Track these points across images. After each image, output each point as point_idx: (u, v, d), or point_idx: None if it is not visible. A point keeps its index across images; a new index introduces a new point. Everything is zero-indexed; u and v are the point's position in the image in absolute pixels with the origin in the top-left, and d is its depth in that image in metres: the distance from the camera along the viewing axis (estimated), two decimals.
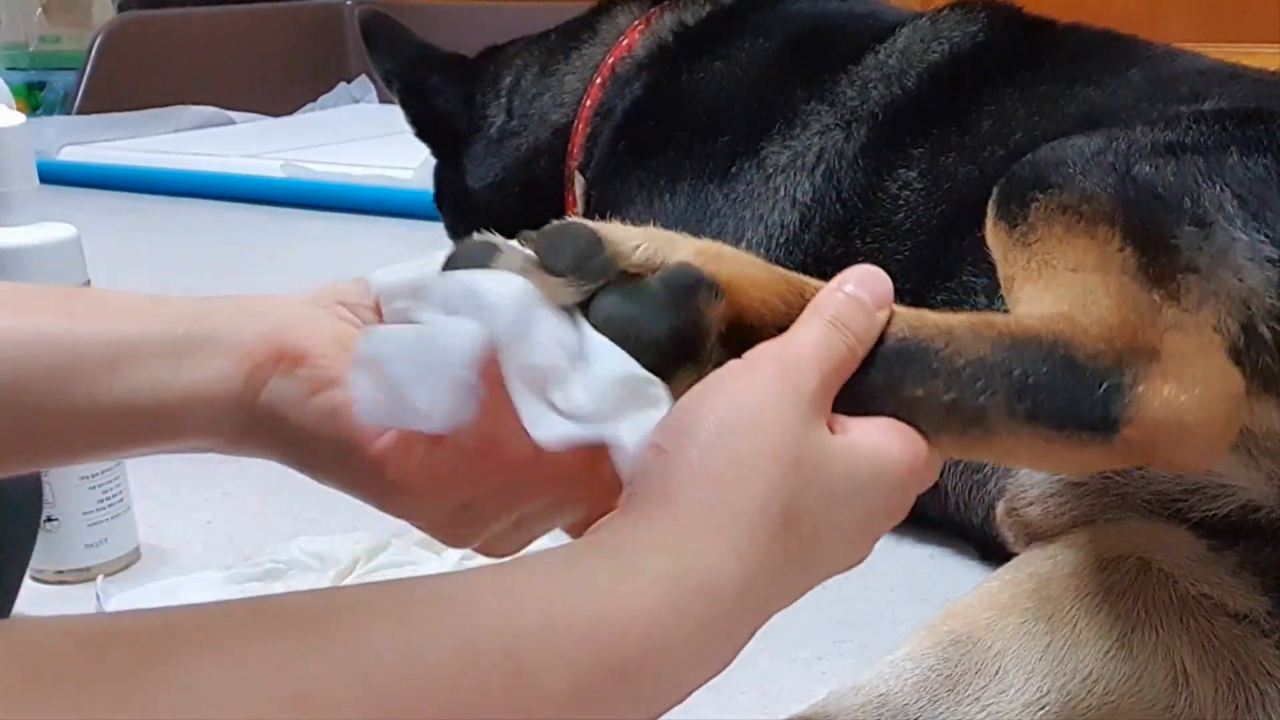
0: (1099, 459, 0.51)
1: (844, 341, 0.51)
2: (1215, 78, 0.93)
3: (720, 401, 0.47)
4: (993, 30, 1.08)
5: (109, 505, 0.93)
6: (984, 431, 0.50)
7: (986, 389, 0.50)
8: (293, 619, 0.36)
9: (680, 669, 0.43)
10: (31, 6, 3.18)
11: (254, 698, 0.32)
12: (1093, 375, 0.50)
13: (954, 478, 0.90)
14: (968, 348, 0.51)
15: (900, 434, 0.50)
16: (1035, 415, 0.50)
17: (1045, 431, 0.50)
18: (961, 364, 0.51)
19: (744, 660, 0.45)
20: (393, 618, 0.37)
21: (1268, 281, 0.55)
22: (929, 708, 0.62)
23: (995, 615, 0.64)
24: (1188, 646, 0.62)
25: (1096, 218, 0.58)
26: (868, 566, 0.54)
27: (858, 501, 0.49)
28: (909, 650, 0.64)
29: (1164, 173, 0.59)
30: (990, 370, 0.51)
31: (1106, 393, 0.50)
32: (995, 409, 0.50)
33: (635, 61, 1.25)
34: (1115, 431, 0.50)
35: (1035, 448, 0.51)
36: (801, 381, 0.48)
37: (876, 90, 1.05)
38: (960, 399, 0.50)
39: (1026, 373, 0.50)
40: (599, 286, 0.51)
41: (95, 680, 0.30)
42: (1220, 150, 0.60)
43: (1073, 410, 0.50)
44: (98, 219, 2.08)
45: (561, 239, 0.52)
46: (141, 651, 0.32)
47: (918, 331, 0.52)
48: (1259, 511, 0.63)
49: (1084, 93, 0.95)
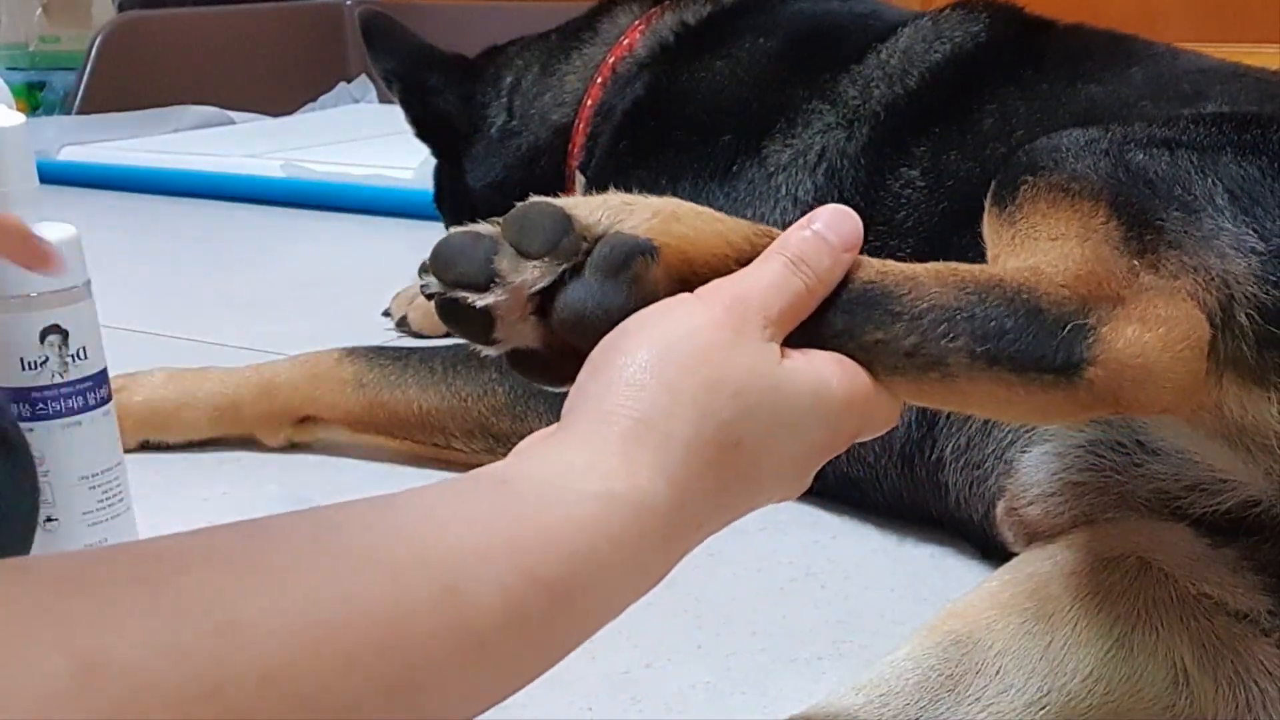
0: (1061, 405, 0.51)
1: (802, 281, 0.51)
2: (1217, 77, 0.93)
3: (662, 329, 0.48)
4: (994, 30, 1.08)
5: (109, 505, 0.93)
6: (943, 376, 0.50)
7: (948, 334, 0.50)
8: (219, 550, 0.36)
9: (611, 586, 0.44)
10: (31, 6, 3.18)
11: (176, 624, 0.32)
12: (1056, 319, 0.51)
13: (954, 476, 0.90)
14: (930, 293, 0.51)
15: (841, 367, 0.51)
16: (997, 359, 0.50)
17: (1006, 376, 0.50)
18: (924, 308, 0.51)
19: (744, 660, 0.45)
20: (319, 544, 0.37)
21: (1249, 269, 0.55)
22: (930, 708, 0.62)
23: (996, 615, 0.64)
24: (1188, 646, 0.62)
25: (1083, 194, 0.58)
26: (868, 566, 0.54)
27: (798, 432, 0.50)
28: (909, 650, 0.64)
29: (1157, 162, 0.59)
30: (952, 314, 0.51)
31: (1070, 333, 0.50)
32: (956, 353, 0.50)
33: (636, 61, 1.25)
34: (1079, 373, 0.50)
35: (995, 394, 0.51)
36: (748, 319, 0.49)
37: (878, 89, 1.05)
38: (921, 343, 0.50)
39: (990, 317, 0.50)
40: (570, 266, 0.52)
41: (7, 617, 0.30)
42: (1216, 149, 0.60)
43: (1036, 352, 0.50)
44: (98, 219, 2.08)
45: (531, 222, 0.52)
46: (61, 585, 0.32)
47: (883, 277, 0.52)
48: (1259, 506, 0.63)
49: (1085, 91, 0.95)
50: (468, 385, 1.07)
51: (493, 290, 0.52)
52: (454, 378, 1.07)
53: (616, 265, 0.52)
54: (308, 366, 1.12)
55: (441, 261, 0.53)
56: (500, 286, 0.52)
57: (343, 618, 0.35)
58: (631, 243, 0.53)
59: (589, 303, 0.52)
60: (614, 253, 0.52)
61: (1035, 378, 0.50)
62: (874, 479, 0.95)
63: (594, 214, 0.53)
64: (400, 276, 1.52)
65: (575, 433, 0.46)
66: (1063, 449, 0.71)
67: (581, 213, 0.53)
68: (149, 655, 0.31)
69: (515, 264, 0.52)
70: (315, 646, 0.34)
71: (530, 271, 0.52)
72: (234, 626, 0.32)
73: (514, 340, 0.54)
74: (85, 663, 0.30)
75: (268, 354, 1.23)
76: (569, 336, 0.53)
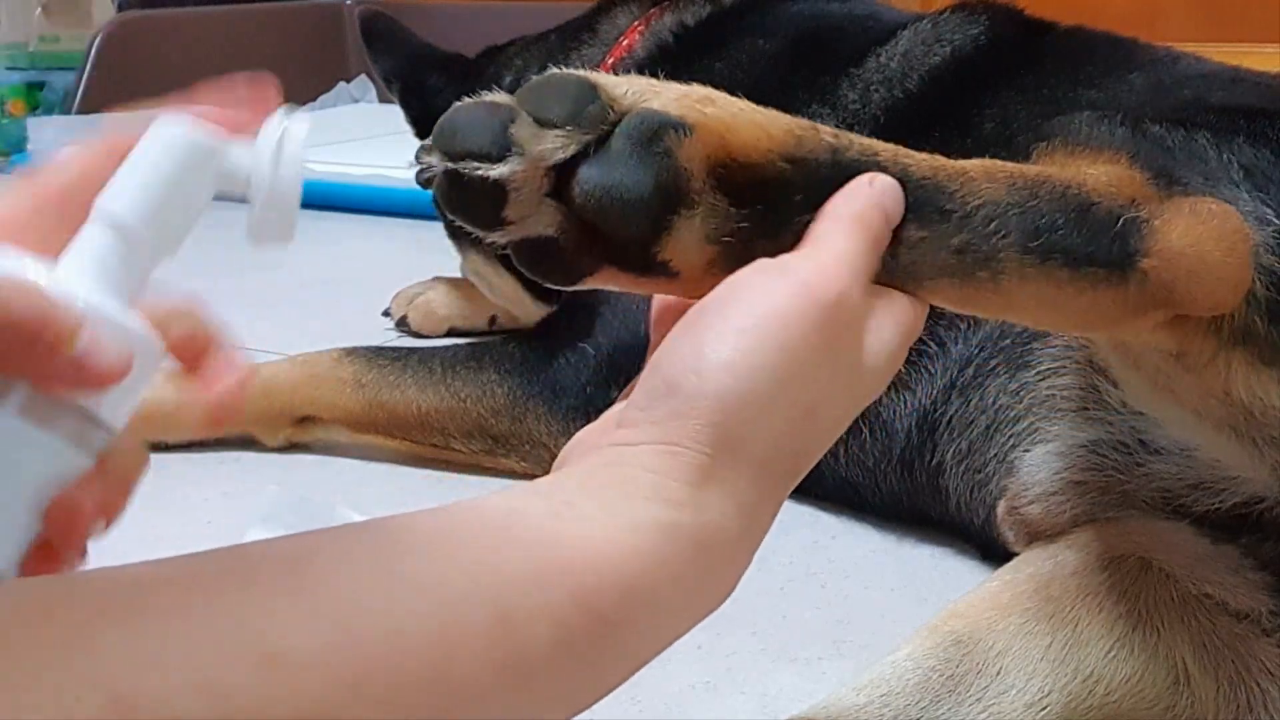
0: (1111, 306, 0.49)
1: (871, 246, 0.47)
2: (1217, 81, 0.93)
3: (736, 328, 0.44)
4: (994, 32, 1.08)
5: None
6: (991, 275, 0.48)
7: (999, 230, 0.48)
8: (263, 570, 0.34)
9: (667, 620, 0.42)
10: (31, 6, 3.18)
11: (215, 658, 0.30)
12: (1108, 212, 0.49)
13: (955, 481, 0.90)
14: (982, 189, 0.49)
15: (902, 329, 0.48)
16: (1050, 254, 0.48)
17: (1058, 273, 0.48)
18: (975, 205, 0.48)
19: (744, 660, 0.45)
20: (373, 565, 0.35)
21: (1265, 241, 0.55)
22: (930, 708, 0.62)
23: (996, 615, 0.64)
24: (1189, 646, 0.62)
25: (1105, 149, 0.56)
26: (868, 566, 0.54)
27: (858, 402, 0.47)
28: (910, 650, 0.64)
29: (1173, 135, 0.58)
30: (1004, 210, 0.48)
31: (1124, 226, 0.48)
32: (1007, 249, 0.48)
33: (635, 62, 1.24)
34: (1133, 266, 0.48)
35: (1043, 294, 0.48)
36: (844, 336, 0.45)
37: (878, 93, 1.05)
38: (971, 240, 0.48)
39: (1041, 211, 0.48)
40: (594, 139, 0.47)
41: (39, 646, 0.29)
42: (1229, 132, 0.59)
43: (1089, 246, 0.48)
44: None
45: (553, 89, 0.48)
46: (94, 612, 0.30)
47: (936, 173, 0.50)
48: (1262, 503, 0.63)
49: (1085, 95, 0.96)
50: (467, 386, 1.07)
51: (507, 160, 0.47)
52: (453, 378, 1.07)
53: (647, 137, 0.47)
54: (307, 367, 1.12)
55: (449, 132, 0.48)
56: (516, 156, 0.47)
57: (389, 649, 0.33)
58: (663, 117, 0.47)
59: (615, 178, 0.47)
60: (644, 124, 0.47)
61: (1088, 273, 0.48)
62: (873, 483, 0.94)
63: (620, 87, 0.48)
64: (400, 276, 1.52)
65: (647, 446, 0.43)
66: (1064, 449, 0.71)
67: (608, 83, 0.48)
68: (184, 692, 0.29)
69: (534, 132, 0.47)
70: (359, 681, 0.32)
71: (551, 141, 0.47)
72: (274, 661, 0.31)
73: (525, 226, 0.49)
74: (118, 698, 0.28)
75: (267, 354, 1.23)
76: (592, 217, 0.47)
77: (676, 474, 0.42)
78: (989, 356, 0.84)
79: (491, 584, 0.36)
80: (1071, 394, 0.74)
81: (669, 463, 0.42)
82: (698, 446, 0.42)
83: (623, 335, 1.05)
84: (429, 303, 1.44)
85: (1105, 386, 0.70)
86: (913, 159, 0.50)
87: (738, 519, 0.42)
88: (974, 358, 0.85)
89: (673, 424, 0.43)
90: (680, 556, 0.41)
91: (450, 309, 1.43)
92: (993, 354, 0.84)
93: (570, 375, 1.05)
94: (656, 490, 0.41)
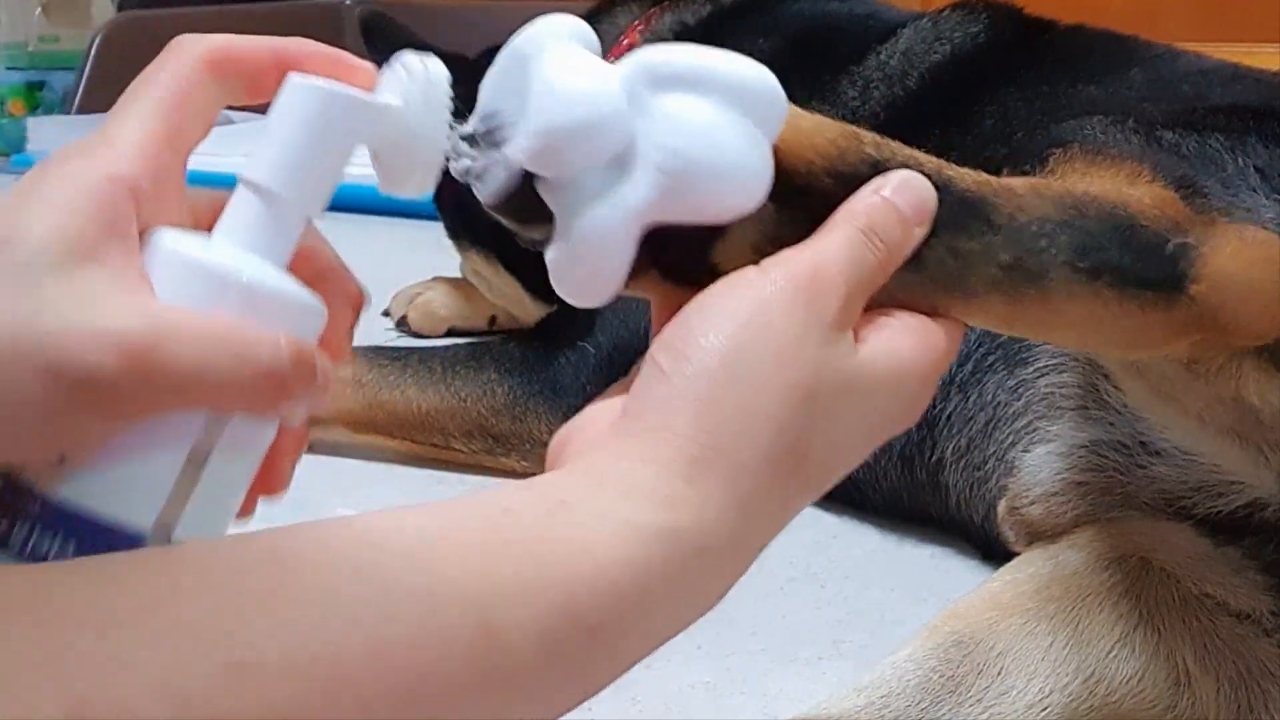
0: (1156, 327, 0.49)
1: (875, 255, 0.46)
2: (1217, 78, 0.93)
3: (730, 324, 0.43)
4: (994, 31, 1.08)
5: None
6: (1040, 292, 0.47)
7: (1049, 247, 0.48)
8: (238, 571, 0.33)
9: (658, 625, 0.41)
10: (31, 6, 3.18)
11: (180, 667, 0.30)
12: (1159, 234, 0.48)
13: (955, 477, 0.90)
14: (1029, 204, 0.49)
15: (916, 337, 0.47)
16: (1099, 273, 0.47)
17: (1106, 292, 0.48)
18: (1025, 220, 0.48)
19: (744, 660, 0.45)
20: (355, 569, 0.34)
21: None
22: (931, 709, 0.61)
23: (997, 616, 0.64)
24: (1190, 646, 0.62)
25: (1123, 159, 0.56)
26: (868, 566, 0.54)
27: (870, 424, 0.46)
28: (910, 651, 0.64)
29: (1188, 141, 0.58)
30: (1053, 228, 0.48)
31: (1175, 249, 0.48)
32: (1057, 267, 0.47)
33: None
34: (1183, 289, 0.48)
35: (1090, 313, 0.48)
36: (823, 302, 0.44)
37: (878, 91, 1.05)
38: (1021, 256, 0.47)
39: (1089, 230, 0.48)
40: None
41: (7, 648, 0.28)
42: (1242, 133, 0.59)
43: (1140, 266, 0.48)
44: None
45: None
46: (60, 612, 0.30)
47: (981, 187, 0.49)
48: (1265, 509, 0.63)
49: (1086, 92, 0.96)
50: (467, 386, 1.07)
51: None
52: (453, 378, 1.07)
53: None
54: None
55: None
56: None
57: (366, 658, 0.32)
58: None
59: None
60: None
61: (1136, 294, 0.48)
62: (873, 480, 0.94)
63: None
64: (400, 276, 1.52)
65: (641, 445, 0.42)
66: (1065, 449, 0.71)
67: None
68: (142, 695, 0.29)
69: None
70: (331, 690, 0.31)
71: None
72: (243, 668, 0.30)
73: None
74: (80, 703, 0.28)
75: None
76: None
77: (674, 471, 0.41)
78: (987, 353, 0.84)
79: (478, 593, 0.35)
80: (1071, 392, 0.74)
81: (665, 460, 0.41)
82: (691, 447, 0.42)
83: (623, 334, 1.05)
84: (429, 303, 1.44)
85: (1105, 386, 0.70)
86: (956, 171, 0.50)
87: (737, 518, 0.42)
88: (972, 353, 0.85)
89: (659, 424, 0.42)
90: (680, 564, 0.40)
91: (450, 309, 1.43)
92: (991, 350, 0.84)
93: (570, 374, 1.05)
94: (655, 489, 0.41)
